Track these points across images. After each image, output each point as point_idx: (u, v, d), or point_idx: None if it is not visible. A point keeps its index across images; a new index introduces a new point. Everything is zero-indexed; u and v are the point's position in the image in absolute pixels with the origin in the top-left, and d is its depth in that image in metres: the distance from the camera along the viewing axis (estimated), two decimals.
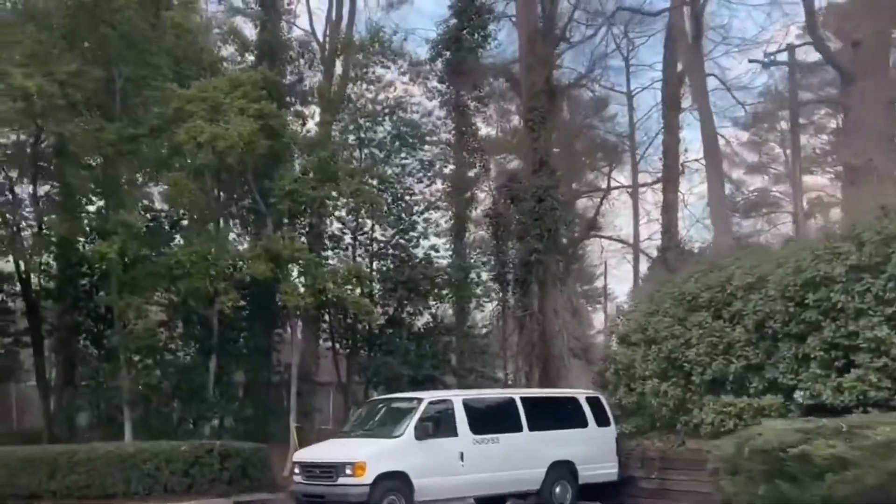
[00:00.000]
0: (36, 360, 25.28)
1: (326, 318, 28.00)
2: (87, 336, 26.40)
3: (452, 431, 15.31)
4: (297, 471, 15.54)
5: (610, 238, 42.91)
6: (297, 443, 21.13)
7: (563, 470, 16.41)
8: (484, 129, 32.28)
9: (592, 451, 16.88)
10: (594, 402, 17.59)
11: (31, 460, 18.80)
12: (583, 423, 17.11)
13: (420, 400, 15.66)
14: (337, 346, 28.41)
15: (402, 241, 27.70)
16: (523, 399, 16.73)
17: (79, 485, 18.30)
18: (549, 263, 27.85)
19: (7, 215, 22.76)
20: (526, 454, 16.00)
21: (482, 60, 30.83)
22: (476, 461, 15.31)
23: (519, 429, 16.15)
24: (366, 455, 14.43)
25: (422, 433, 14.85)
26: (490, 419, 16.04)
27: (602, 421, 17.39)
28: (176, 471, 18.44)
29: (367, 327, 27.53)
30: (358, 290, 24.20)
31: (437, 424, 15.09)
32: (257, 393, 26.48)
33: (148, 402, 24.27)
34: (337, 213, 25.59)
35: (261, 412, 25.57)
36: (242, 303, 25.78)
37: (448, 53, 30.21)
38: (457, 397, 16.11)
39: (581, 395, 17.97)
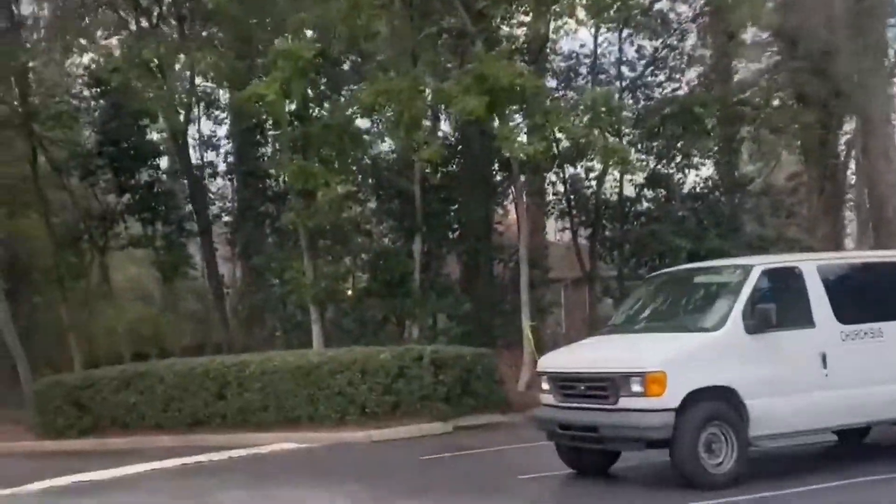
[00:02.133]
0: (204, 252, 22.34)
1: (560, 186, 22.87)
2: (264, 220, 23.03)
3: (806, 319, 9.93)
4: (544, 385, 10.77)
5: None
6: (535, 347, 17.79)
7: None
8: None
9: None
10: None
11: (192, 377, 16.21)
12: None
13: (748, 268, 10.16)
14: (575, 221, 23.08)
15: (665, 56, 21.62)
16: None
17: (253, 407, 15.80)
18: (876, 86, 21.11)
19: (146, 52, 18.72)
20: None
21: None
22: (847, 368, 9.89)
23: None
24: (664, 360, 9.33)
25: (756, 322, 9.54)
26: (864, 299, 10.54)
27: None
28: (375, 386, 15.32)
29: (617, 194, 21.98)
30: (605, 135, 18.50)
31: (780, 308, 9.67)
32: (476, 284, 22.31)
33: (339, 300, 20.52)
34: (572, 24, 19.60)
35: (482, 308, 21.46)
36: (452, 168, 21.48)
37: None
38: (807, 263, 10.47)
39: None
